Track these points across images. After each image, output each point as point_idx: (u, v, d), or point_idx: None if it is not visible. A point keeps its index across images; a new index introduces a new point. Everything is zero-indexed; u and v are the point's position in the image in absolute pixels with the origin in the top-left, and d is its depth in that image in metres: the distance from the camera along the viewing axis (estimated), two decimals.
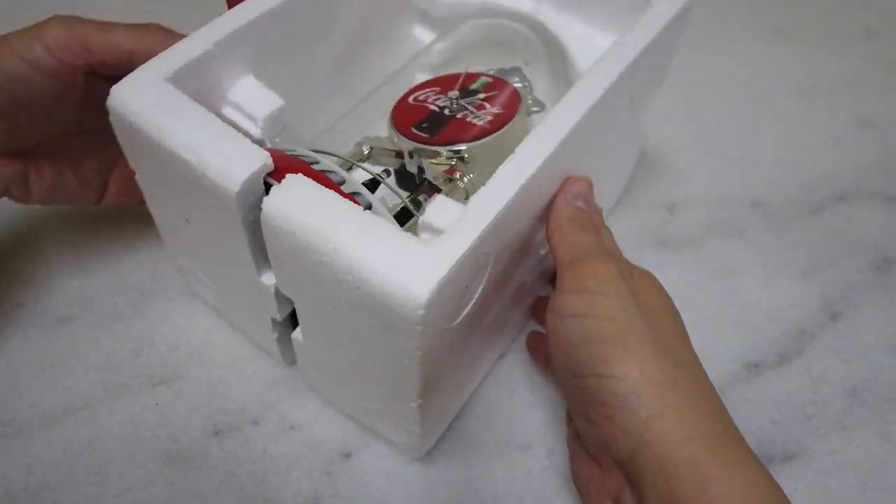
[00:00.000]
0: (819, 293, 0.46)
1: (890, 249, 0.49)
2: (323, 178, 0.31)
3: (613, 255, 0.31)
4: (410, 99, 0.42)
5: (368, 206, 0.31)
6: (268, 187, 0.30)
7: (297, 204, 0.28)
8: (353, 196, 0.31)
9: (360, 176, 0.35)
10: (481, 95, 0.41)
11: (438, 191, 0.37)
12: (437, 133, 0.39)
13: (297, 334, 0.36)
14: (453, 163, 0.38)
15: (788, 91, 0.59)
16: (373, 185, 0.36)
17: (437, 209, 0.29)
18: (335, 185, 0.31)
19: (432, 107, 0.40)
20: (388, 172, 0.39)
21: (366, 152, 0.39)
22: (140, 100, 0.31)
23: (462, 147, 0.38)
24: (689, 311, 0.45)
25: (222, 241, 0.33)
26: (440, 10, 0.47)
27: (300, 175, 0.29)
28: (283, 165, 0.30)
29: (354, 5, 0.42)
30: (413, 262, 0.26)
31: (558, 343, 0.30)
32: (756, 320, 0.45)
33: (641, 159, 0.53)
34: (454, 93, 0.41)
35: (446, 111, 0.40)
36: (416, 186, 0.37)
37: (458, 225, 0.28)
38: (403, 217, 0.35)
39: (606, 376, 0.27)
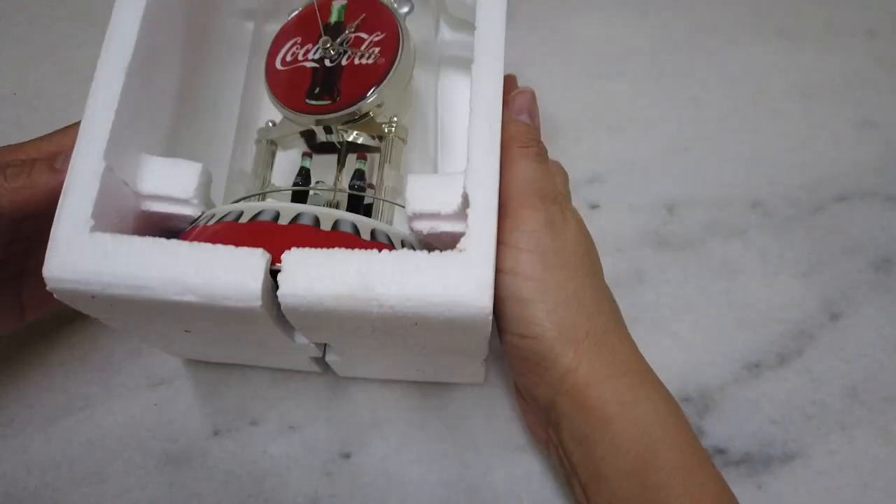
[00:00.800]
0: (819, 293, 0.46)
1: (890, 249, 0.49)
2: (294, 232, 0.29)
3: (546, 197, 0.31)
4: (278, 64, 0.35)
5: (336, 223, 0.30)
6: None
7: (313, 280, 0.26)
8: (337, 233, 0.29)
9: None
10: (350, 27, 0.35)
11: (368, 149, 0.35)
12: (337, 92, 0.33)
13: (331, 357, 0.35)
14: (370, 115, 0.34)
15: (788, 91, 0.59)
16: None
17: (419, 193, 0.29)
18: (309, 229, 0.29)
19: (309, 64, 0.34)
20: (309, 156, 0.36)
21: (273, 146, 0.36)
22: (86, 269, 0.26)
23: (373, 97, 0.33)
24: (688, 311, 0.45)
25: (239, 335, 0.31)
26: None
27: (295, 250, 0.27)
28: (252, 238, 0.28)
29: (186, 23, 0.36)
30: (461, 278, 0.26)
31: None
32: (756, 320, 0.45)
33: (641, 159, 0.53)
34: (325, 38, 0.34)
35: (327, 62, 0.34)
36: (341, 155, 0.35)
37: (474, 215, 0.27)
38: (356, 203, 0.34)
39: (529, 337, 0.30)
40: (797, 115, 0.57)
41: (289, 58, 0.35)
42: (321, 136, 0.35)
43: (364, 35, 0.34)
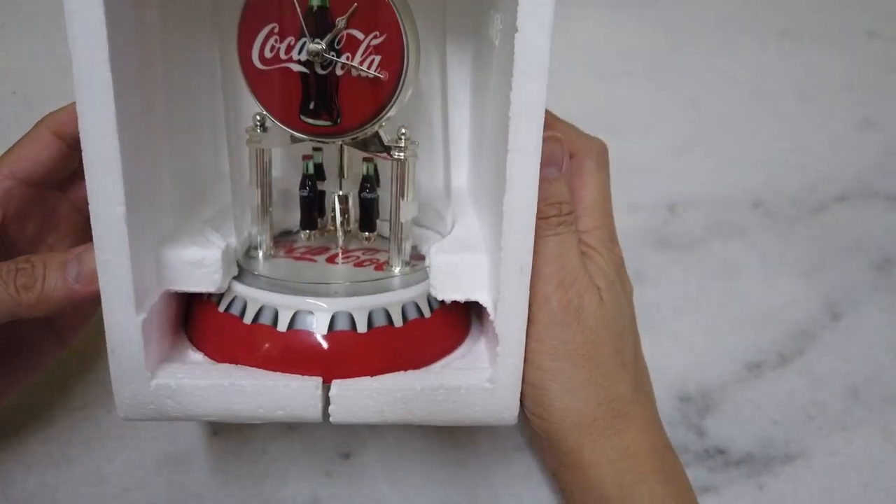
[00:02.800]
0: (820, 293, 0.46)
1: (891, 249, 0.49)
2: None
3: (561, 284, 0.30)
4: (256, 60, 0.30)
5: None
6: None
7: (360, 409, 0.29)
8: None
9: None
10: (341, 21, 0.28)
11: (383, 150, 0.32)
12: (337, 112, 0.30)
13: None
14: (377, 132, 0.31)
15: (789, 91, 0.59)
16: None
17: (443, 279, 0.30)
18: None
19: (296, 67, 0.29)
20: (310, 158, 0.34)
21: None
22: (155, 411, 0.30)
23: (381, 120, 0.30)
24: (690, 311, 0.45)
25: None
26: None
27: (341, 382, 0.29)
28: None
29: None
30: (490, 406, 0.29)
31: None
32: (757, 320, 0.45)
33: (642, 159, 0.53)
34: (313, 41, 0.29)
35: (318, 68, 0.29)
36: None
37: (503, 354, 0.29)
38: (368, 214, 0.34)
39: (537, 416, 0.31)
40: (798, 116, 0.57)
41: (268, 53, 0.29)
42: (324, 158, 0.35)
43: (358, 34, 0.29)
